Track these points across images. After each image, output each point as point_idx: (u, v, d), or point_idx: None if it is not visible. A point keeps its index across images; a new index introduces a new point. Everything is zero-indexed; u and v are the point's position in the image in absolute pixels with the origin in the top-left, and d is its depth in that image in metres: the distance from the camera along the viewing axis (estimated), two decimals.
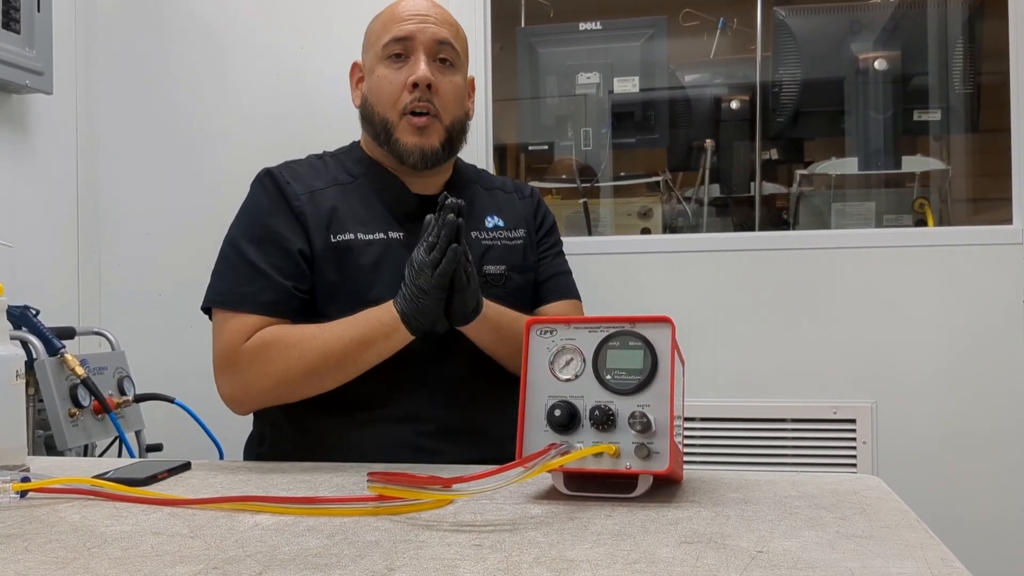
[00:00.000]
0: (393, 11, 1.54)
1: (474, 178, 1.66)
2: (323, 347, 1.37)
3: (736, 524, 0.90)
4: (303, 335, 1.38)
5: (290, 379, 1.39)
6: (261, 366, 1.39)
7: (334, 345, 1.36)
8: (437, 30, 1.51)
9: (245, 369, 1.40)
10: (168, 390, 2.07)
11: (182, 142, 2.55)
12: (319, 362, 1.37)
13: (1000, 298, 2.17)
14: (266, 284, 1.42)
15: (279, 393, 1.42)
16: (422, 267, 1.30)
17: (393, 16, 1.53)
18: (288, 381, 1.39)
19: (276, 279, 1.42)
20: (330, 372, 1.38)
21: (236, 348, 1.40)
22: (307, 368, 1.37)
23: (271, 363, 1.38)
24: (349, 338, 1.36)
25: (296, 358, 1.37)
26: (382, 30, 1.53)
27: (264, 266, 1.43)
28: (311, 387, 1.40)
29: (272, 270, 1.42)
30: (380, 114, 1.51)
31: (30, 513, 0.98)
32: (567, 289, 1.65)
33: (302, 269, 1.44)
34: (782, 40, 2.62)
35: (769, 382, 2.26)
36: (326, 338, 1.37)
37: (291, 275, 1.43)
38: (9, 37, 2.14)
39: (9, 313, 1.23)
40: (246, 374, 1.40)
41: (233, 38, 2.52)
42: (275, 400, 1.44)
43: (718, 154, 2.83)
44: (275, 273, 1.42)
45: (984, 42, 2.57)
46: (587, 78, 2.71)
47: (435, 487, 0.95)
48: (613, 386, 1.00)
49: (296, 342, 1.38)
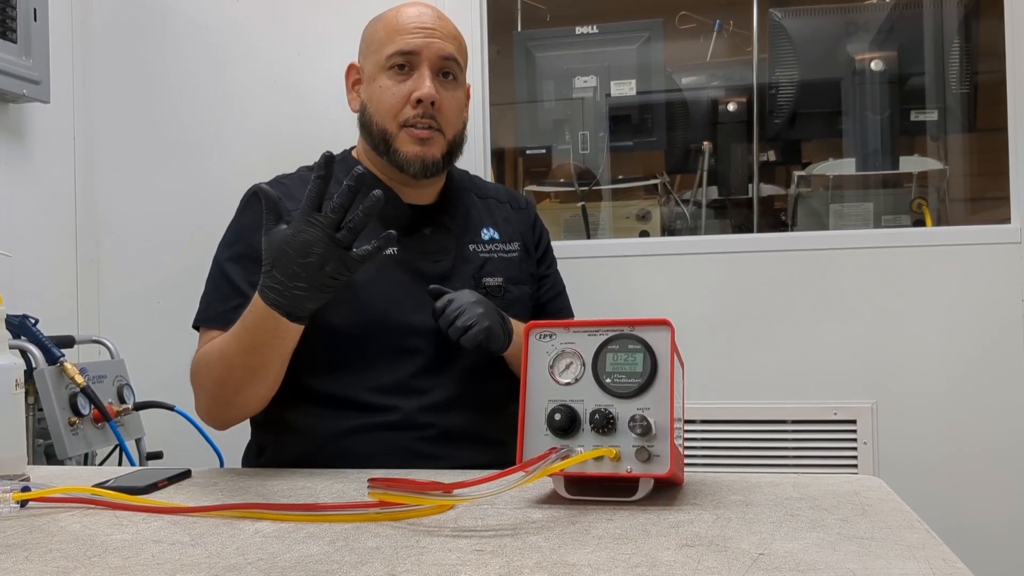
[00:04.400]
0: (398, 19, 1.53)
1: (467, 186, 1.66)
2: (222, 360, 1.33)
3: (737, 526, 0.90)
4: (213, 351, 1.36)
5: (215, 391, 1.37)
6: (197, 382, 1.41)
7: (231, 356, 1.31)
8: (443, 45, 1.51)
9: (194, 385, 1.42)
10: (168, 398, 2.06)
11: (180, 150, 2.54)
12: (226, 375, 1.33)
13: (999, 297, 2.17)
14: (240, 303, 1.38)
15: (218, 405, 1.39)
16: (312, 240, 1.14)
17: (398, 26, 1.51)
18: (215, 393, 1.37)
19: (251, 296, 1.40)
20: (242, 380, 1.33)
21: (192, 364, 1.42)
22: (220, 381, 1.35)
23: (200, 377, 1.39)
24: (240, 347, 1.29)
25: (208, 372, 1.37)
26: (386, 38, 1.52)
27: (241, 284, 1.43)
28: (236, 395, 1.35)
29: (248, 287, 1.40)
30: (379, 124, 1.51)
31: (30, 523, 0.98)
32: (567, 311, 1.71)
33: None
34: (778, 42, 2.62)
35: (769, 383, 2.26)
36: (223, 350, 1.33)
37: None
38: (6, 46, 2.14)
39: (8, 322, 1.23)
40: (195, 389, 1.42)
41: (231, 46, 2.52)
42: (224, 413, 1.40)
43: (716, 156, 2.84)
44: (250, 290, 1.40)
45: (980, 41, 2.57)
46: (584, 81, 2.71)
47: (436, 492, 0.95)
48: (613, 389, 1.00)
49: (207, 360, 1.37)
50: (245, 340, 1.28)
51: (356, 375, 1.44)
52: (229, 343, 1.31)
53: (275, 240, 1.17)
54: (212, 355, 1.36)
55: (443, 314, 1.40)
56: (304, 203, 1.14)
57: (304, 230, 1.14)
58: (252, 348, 1.28)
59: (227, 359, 1.32)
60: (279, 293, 1.18)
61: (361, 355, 1.44)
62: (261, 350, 1.28)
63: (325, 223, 1.13)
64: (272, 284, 1.18)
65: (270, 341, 1.26)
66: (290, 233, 1.15)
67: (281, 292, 1.18)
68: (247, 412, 1.43)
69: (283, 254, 1.16)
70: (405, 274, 1.48)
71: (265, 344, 1.27)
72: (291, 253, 1.15)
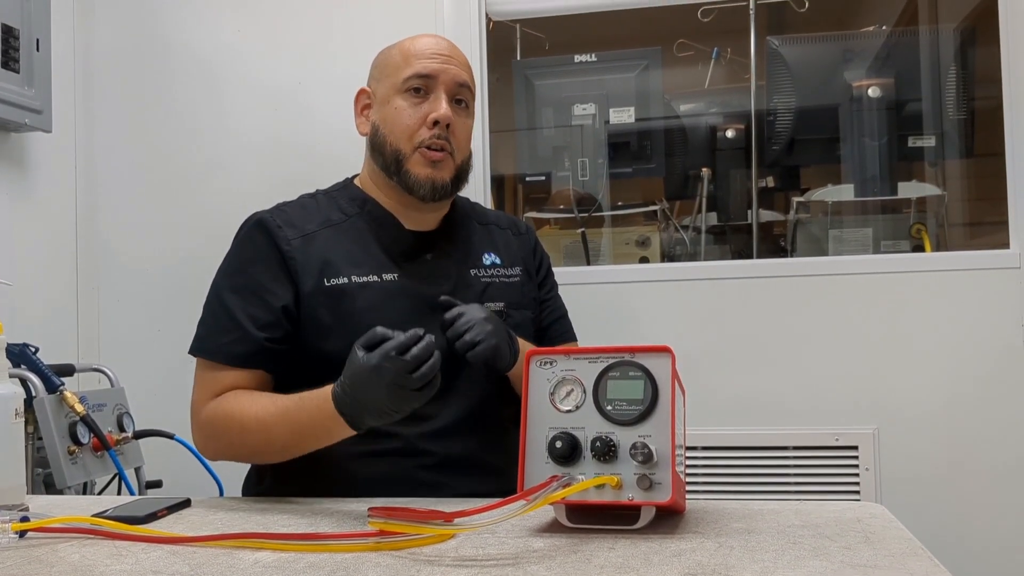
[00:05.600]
0: (414, 46, 1.56)
1: (469, 213, 1.68)
2: (264, 436, 1.37)
3: (740, 555, 0.89)
4: (247, 415, 1.38)
5: (239, 455, 1.46)
6: (214, 434, 1.44)
7: (276, 435, 1.36)
8: (458, 72, 1.54)
9: (203, 430, 1.45)
10: (167, 426, 2.06)
11: (181, 179, 2.55)
12: (262, 448, 1.39)
13: (999, 322, 2.17)
14: (239, 336, 1.43)
15: (234, 459, 1.48)
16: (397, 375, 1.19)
17: (416, 51, 1.54)
18: (239, 455, 1.46)
19: (249, 330, 1.43)
20: (276, 455, 1.40)
21: (201, 406, 1.45)
22: (251, 449, 1.42)
23: (220, 435, 1.43)
24: (290, 431, 1.34)
25: (239, 439, 1.40)
26: (403, 63, 1.54)
27: (240, 316, 1.44)
28: (262, 461, 1.47)
29: (247, 320, 1.43)
30: (393, 144, 1.52)
31: (29, 553, 0.98)
32: (570, 334, 1.71)
33: (279, 320, 1.44)
34: (776, 69, 2.64)
35: (770, 410, 2.25)
36: (269, 425, 1.36)
37: (265, 326, 1.43)
38: (8, 76, 2.16)
39: (8, 351, 1.23)
40: (204, 435, 1.46)
41: (231, 75, 2.54)
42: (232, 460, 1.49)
43: (715, 182, 2.85)
44: (250, 324, 1.43)
45: (976, 68, 2.58)
46: (583, 109, 2.72)
47: (436, 522, 0.95)
48: (614, 417, 1.00)
49: (239, 422, 1.39)
50: (297, 426, 1.32)
51: None
52: (277, 422, 1.35)
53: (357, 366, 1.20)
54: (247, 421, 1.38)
55: (452, 326, 1.40)
56: (394, 347, 1.17)
57: (390, 369, 1.17)
58: (301, 435, 1.33)
59: (269, 434, 1.36)
60: (350, 407, 1.23)
61: None
62: (309, 441, 1.33)
63: (402, 367, 1.17)
64: (347, 399, 1.23)
65: (322, 437, 1.32)
66: (378, 366, 1.18)
67: (352, 407, 1.23)
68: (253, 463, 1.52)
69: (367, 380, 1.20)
70: (406, 300, 1.49)
71: (315, 437, 1.32)
72: (373, 385, 1.19)
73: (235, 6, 2.55)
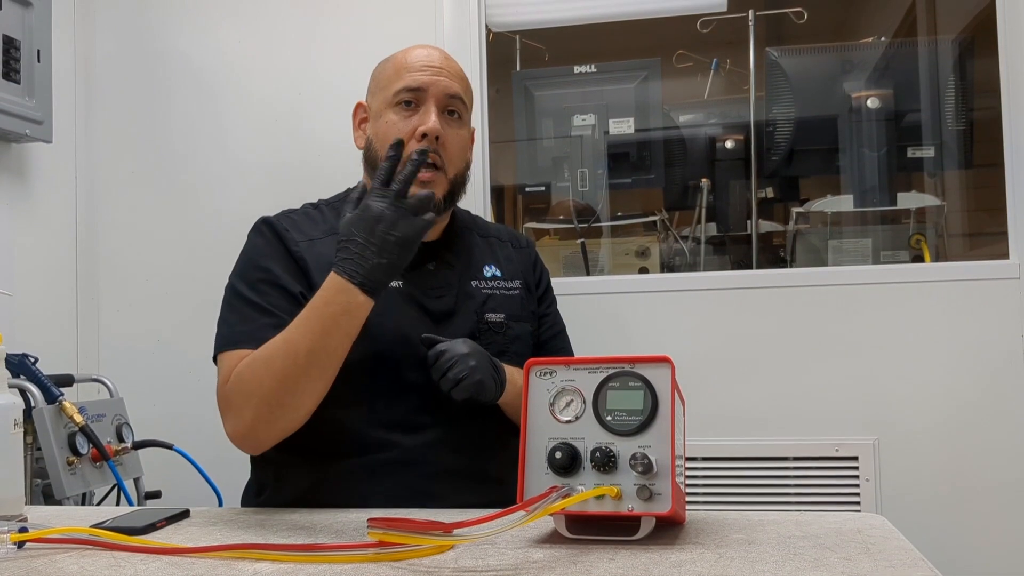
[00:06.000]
0: (406, 58, 1.56)
1: (470, 225, 1.68)
2: (286, 350, 1.32)
3: (740, 566, 0.89)
4: (266, 348, 1.35)
5: (270, 397, 1.33)
6: (241, 393, 1.35)
7: (297, 343, 1.31)
8: (449, 83, 1.54)
9: (232, 400, 1.37)
10: (167, 436, 2.06)
11: (180, 189, 2.56)
12: (289, 365, 1.31)
13: (999, 332, 2.17)
14: (266, 321, 1.41)
15: (268, 415, 1.35)
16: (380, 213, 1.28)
17: (407, 64, 1.54)
18: (270, 400, 1.33)
19: (276, 314, 1.41)
20: (305, 371, 1.31)
21: (224, 384, 1.39)
22: (279, 378, 1.32)
23: (248, 384, 1.35)
24: (308, 330, 1.31)
25: (264, 372, 1.33)
26: (394, 76, 1.54)
27: (264, 304, 1.43)
28: (294, 399, 1.33)
29: (271, 307, 1.43)
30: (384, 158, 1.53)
31: (28, 564, 0.97)
32: (567, 350, 1.71)
33: (300, 307, 1.43)
34: (775, 80, 2.65)
35: (770, 420, 2.25)
36: (286, 338, 1.33)
37: (290, 313, 1.41)
38: (9, 87, 2.16)
39: (7, 361, 1.23)
40: (234, 405, 1.37)
41: (231, 86, 2.54)
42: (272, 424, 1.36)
43: (714, 193, 2.85)
44: (275, 310, 1.42)
45: (975, 79, 2.59)
46: (582, 120, 2.73)
47: (436, 532, 0.95)
48: (614, 427, 1.00)
49: (262, 357, 1.35)
50: (313, 322, 1.31)
51: (359, 409, 1.44)
52: (292, 333, 1.33)
53: (349, 218, 1.29)
54: (266, 355, 1.34)
55: (435, 364, 1.40)
56: (375, 181, 1.30)
57: (375, 201, 1.28)
58: (322, 330, 1.31)
59: (292, 347, 1.31)
60: (354, 263, 1.28)
61: (365, 388, 1.43)
62: (330, 331, 1.31)
63: (392, 194, 1.28)
64: (347, 256, 1.28)
65: (339, 319, 1.30)
66: (363, 205, 1.29)
67: (356, 261, 1.28)
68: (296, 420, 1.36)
69: (357, 224, 1.28)
70: (410, 308, 1.49)
71: (334, 323, 1.30)
72: (364, 222, 1.28)
73: (235, 18, 2.55)
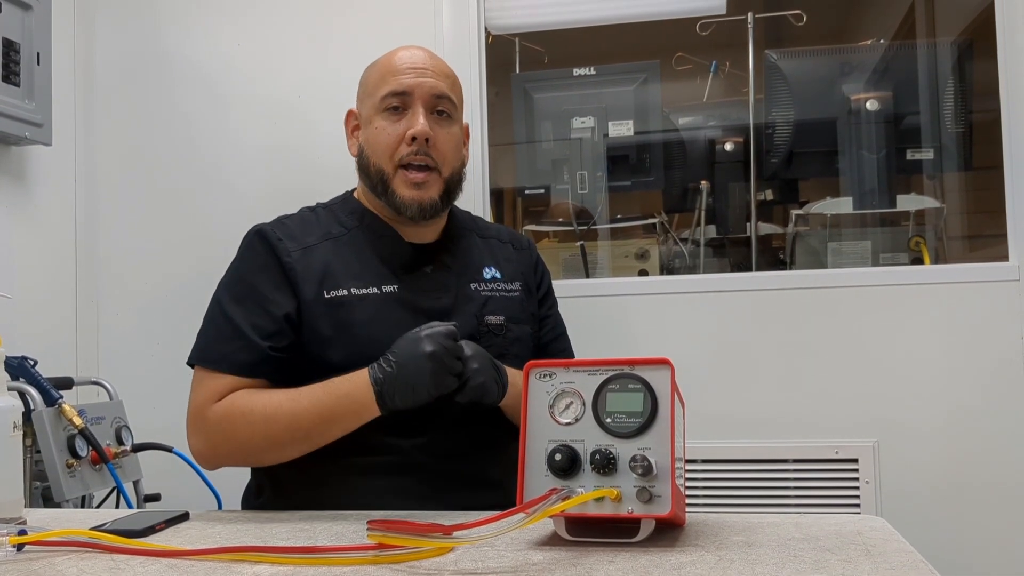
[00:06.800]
0: (390, 62, 1.55)
1: (469, 226, 1.67)
2: (289, 420, 1.37)
3: (740, 568, 0.89)
4: (270, 405, 1.38)
5: (254, 448, 1.41)
6: (226, 431, 1.41)
7: (301, 418, 1.36)
8: (435, 83, 1.53)
9: (212, 431, 1.42)
10: (166, 439, 2.05)
11: (180, 192, 2.56)
12: (284, 434, 1.38)
13: (998, 334, 2.17)
14: (243, 344, 1.42)
15: (243, 459, 1.46)
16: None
17: (391, 68, 1.54)
18: (252, 450, 1.42)
19: (253, 339, 1.42)
20: (295, 444, 1.39)
21: (205, 408, 1.42)
22: (271, 439, 1.39)
23: (236, 430, 1.40)
24: (316, 413, 1.36)
25: (261, 429, 1.38)
26: (380, 81, 1.54)
27: (243, 325, 1.44)
28: (274, 456, 1.42)
29: (251, 329, 1.43)
30: (376, 165, 1.53)
31: (27, 567, 0.97)
32: (568, 352, 1.71)
33: (282, 329, 1.44)
34: (774, 82, 2.65)
35: (769, 423, 2.25)
36: (293, 410, 1.37)
37: (269, 335, 1.43)
38: (9, 90, 2.16)
39: (7, 364, 1.23)
40: (212, 436, 1.43)
41: (231, 89, 2.55)
42: (240, 464, 1.48)
43: (713, 195, 2.85)
44: (253, 333, 1.43)
45: (974, 81, 2.59)
46: (582, 122, 2.73)
47: (436, 535, 0.94)
48: (613, 429, 1.00)
49: (262, 412, 1.38)
50: (326, 408, 1.36)
51: None
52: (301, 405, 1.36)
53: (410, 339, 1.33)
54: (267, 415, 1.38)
55: None
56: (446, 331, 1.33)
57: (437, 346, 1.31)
58: (330, 419, 1.36)
59: (297, 419, 1.36)
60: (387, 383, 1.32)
61: None
62: (335, 425, 1.36)
63: (452, 348, 1.33)
64: (387, 372, 1.32)
65: (348, 420, 1.36)
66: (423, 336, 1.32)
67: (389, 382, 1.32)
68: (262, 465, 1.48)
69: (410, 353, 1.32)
70: (406, 312, 1.48)
71: (341, 421, 1.36)
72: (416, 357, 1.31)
73: (235, 19, 2.55)
